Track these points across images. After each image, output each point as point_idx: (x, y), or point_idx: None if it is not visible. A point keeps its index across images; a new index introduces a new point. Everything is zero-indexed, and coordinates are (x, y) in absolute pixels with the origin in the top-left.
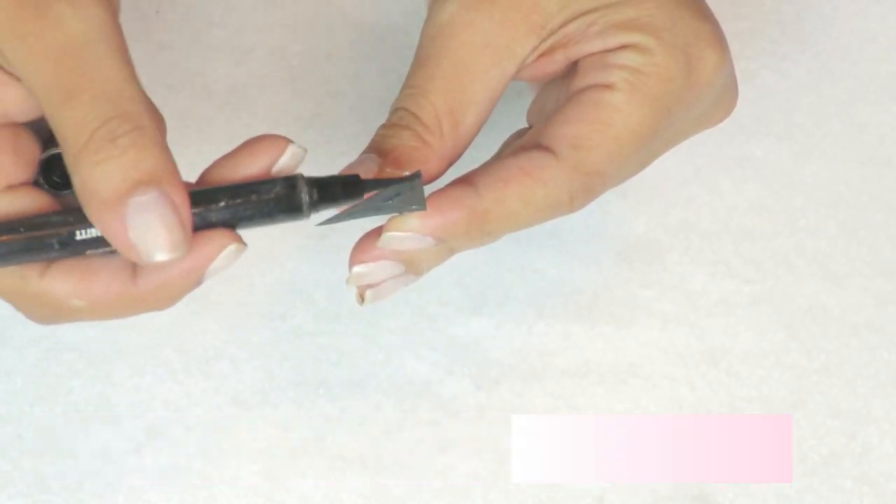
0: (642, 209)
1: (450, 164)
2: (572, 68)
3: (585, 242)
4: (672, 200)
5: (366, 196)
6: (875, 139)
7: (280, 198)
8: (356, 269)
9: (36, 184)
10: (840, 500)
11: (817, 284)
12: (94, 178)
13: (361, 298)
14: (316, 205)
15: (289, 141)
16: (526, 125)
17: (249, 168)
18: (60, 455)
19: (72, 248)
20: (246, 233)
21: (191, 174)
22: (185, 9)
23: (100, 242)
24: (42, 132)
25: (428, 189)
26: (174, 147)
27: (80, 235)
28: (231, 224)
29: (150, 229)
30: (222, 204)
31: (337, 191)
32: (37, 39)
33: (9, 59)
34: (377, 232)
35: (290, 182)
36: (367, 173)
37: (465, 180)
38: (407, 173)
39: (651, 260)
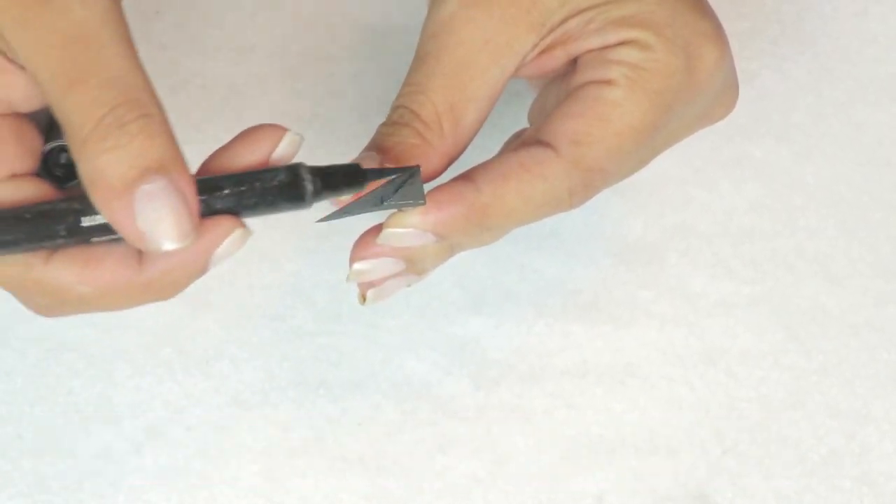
0: (641, 210)
1: (450, 162)
2: (572, 65)
3: (584, 243)
4: (671, 201)
5: (367, 187)
6: (875, 139)
7: (283, 185)
8: (356, 265)
9: (38, 176)
10: (839, 500)
11: (817, 285)
12: (102, 165)
13: (363, 298)
14: (318, 193)
15: (286, 129)
16: (526, 126)
17: (248, 157)
18: (60, 455)
19: (77, 235)
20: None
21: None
22: (185, 9)
23: (106, 229)
24: (41, 125)
25: (428, 187)
26: None
27: (87, 222)
28: (235, 212)
29: (159, 217)
30: (226, 192)
31: (339, 179)
32: (42, 26)
33: (13, 46)
34: (377, 229)
35: (294, 170)
36: None
37: (465, 176)
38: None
39: (650, 260)
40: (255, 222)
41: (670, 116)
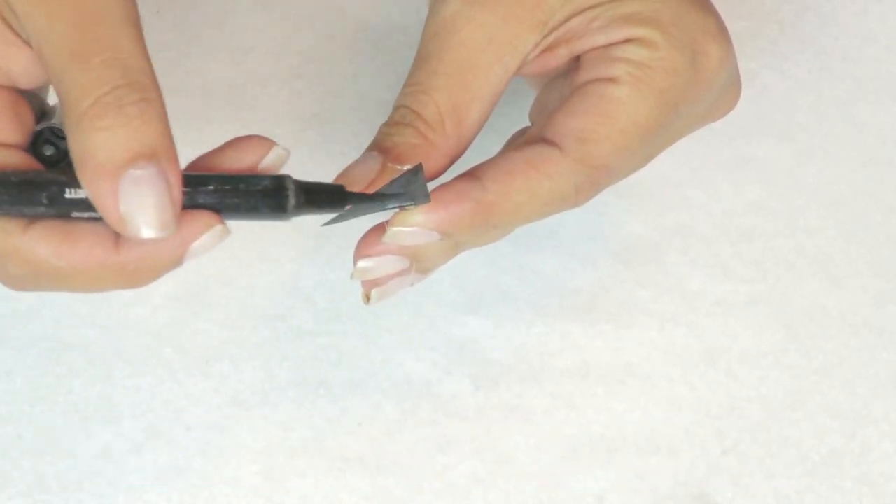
0: (641, 210)
1: (452, 161)
2: (575, 63)
3: (584, 243)
4: (671, 201)
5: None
6: (875, 139)
7: (267, 192)
8: (361, 263)
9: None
10: (840, 500)
11: (817, 285)
12: (95, 143)
13: (367, 298)
14: (300, 207)
15: (273, 143)
16: (526, 124)
17: (236, 163)
18: (60, 455)
19: (59, 206)
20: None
21: None
22: (185, 9)
23: (88, 205)
24: (35, 108)
25: (432, 185)
26: None
27: (70, 194)
28: (216, 209)
29: (142, 204)
30: (210, 187)
31: (322, 197)
32: (53, 0)
33: (21, 18)
34: (382, 227)
35: (280, 180)
36: (369, 171)
37: (470, 174)
38: (408, 167)
39: (649, 260)
40: (254, 225)
41: (675, 114)
